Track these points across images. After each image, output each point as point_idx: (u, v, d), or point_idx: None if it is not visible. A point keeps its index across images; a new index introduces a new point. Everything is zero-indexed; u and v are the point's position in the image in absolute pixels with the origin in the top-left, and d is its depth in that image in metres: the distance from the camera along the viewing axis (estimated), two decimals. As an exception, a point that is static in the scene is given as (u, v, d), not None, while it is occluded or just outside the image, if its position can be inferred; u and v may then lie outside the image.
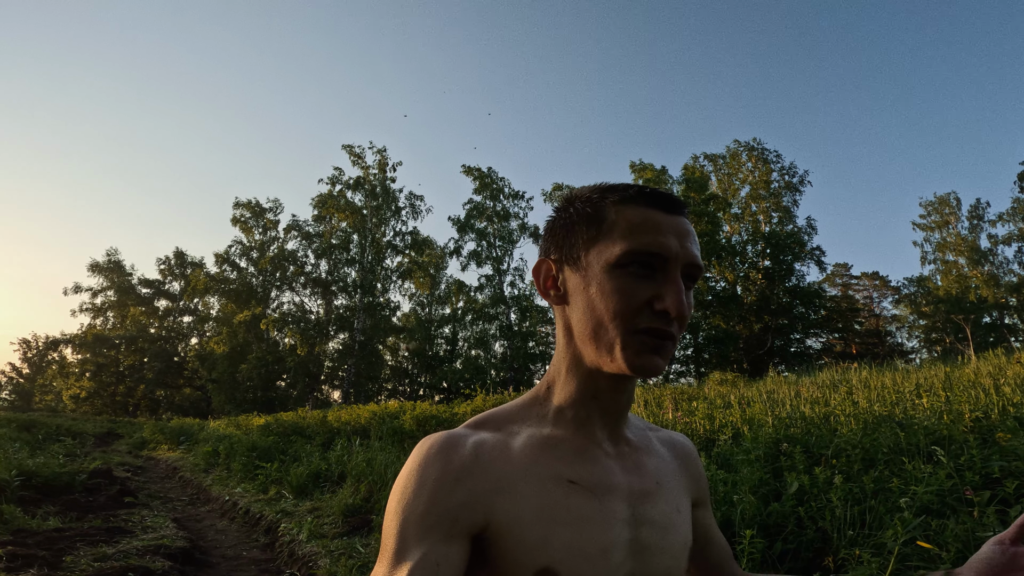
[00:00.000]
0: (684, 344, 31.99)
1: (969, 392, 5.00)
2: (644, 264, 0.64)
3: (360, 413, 12.60)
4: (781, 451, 3.81)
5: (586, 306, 0.67)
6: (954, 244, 35.12)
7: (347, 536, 4.97)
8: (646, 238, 0.64)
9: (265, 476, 7.88)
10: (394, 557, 0.59)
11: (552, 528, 0.62)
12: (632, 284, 0.64)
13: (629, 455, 0.72)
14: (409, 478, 0.63)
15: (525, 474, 0.65)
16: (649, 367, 0.64)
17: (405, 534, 0.59)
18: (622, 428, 0.73)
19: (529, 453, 0.67)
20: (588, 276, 0.67)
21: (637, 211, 0.66)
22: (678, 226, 0.66)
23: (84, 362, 41.46)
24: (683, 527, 0.73)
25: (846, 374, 9.03)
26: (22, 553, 4.05)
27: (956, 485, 2.71)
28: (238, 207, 35.72)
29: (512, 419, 0.71)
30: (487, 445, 0.66)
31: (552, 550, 0.61)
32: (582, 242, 0.68)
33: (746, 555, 2.61)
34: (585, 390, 0.70)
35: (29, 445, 11.73)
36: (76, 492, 7.14)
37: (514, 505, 0.63)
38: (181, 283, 44.34)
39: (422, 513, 0.60)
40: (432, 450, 0.64)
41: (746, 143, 35.48)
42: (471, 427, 0.69)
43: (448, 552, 0.59)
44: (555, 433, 0.69)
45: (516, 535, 0.61)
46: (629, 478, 0.70)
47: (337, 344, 33.92)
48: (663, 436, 0.83)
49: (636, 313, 0.64)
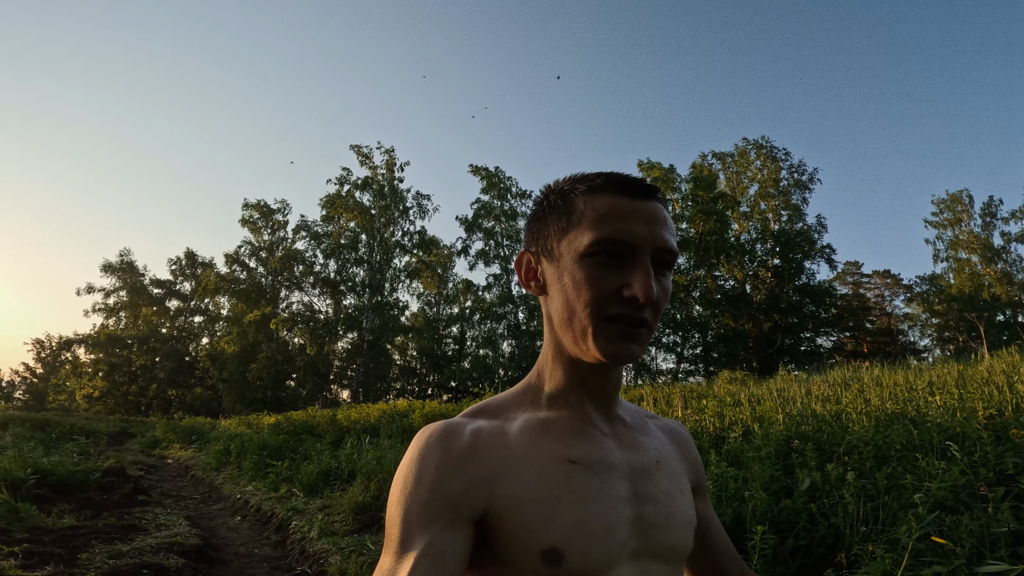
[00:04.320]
0: (693, 343, 31.87)
1: (982, 390, 4.96)
2: (612, 252, 0.64)
3: (369, 412, 12.67)
4: (792, 448, 3.80)
5: (561, 296, 0.68)
6: (967, 242, 34.70)
7: (357, 533, 5.00)
8: (612, 226, 0.64)
9: (276, 474, 7.93)
10: (399, 546, 0.60)
11: (555, 508, 0.63)
12: (601, 272, 0.65)
13: (625, 434, 0.73)
14: (410, 467, 0.64)
15: (524, 457, 0.66)
16: (622, 354, 0.64)
17: (409, 523, 0.60)
18: (614, 409, 0.74)
19: (526, 437, 0.68)
20: (561, 267, 0.68)
21: (604, 199, 0.66)
22: (647, 212, 0.66)
23: (97, 362, 41.86)
24: (686, 505, 0.73)
25: (858, 372, 8.96)
26: (38, 551, 4.11)
27: (970, 481, 2.69)
28: (247, 208, 35.94)
29: (507, 406, 0.72)
30: (485, 431, 0.67)
31: (556, 530, 0.62)
32: (554, 233, 0.69)
33: (757, 551, 2.60)
34: (571, 377, 0.71)
35: (43, 444, 11.86)
36: (90, 490, 7.22)
37: (515, 488, 0.63)
38: (192, 283, 44.69)
39: (425, 501, 0.61)
40: (432, 439, 0.65)
41: (755, 141, 35.25)
42: (468, 416, 0.70)
43: (452, 539, 0.60)
44: (550, 415, 0.70)
45: (519, 517, 0.62)
46: (628, 456, 0.71)
47: (346, 344, 34.07)
48: (660, 423, 0.84)
49: (606, 301, 0.64)
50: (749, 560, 2.63)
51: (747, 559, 2.66)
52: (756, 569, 2.59)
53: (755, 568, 2.59)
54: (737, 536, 2.96)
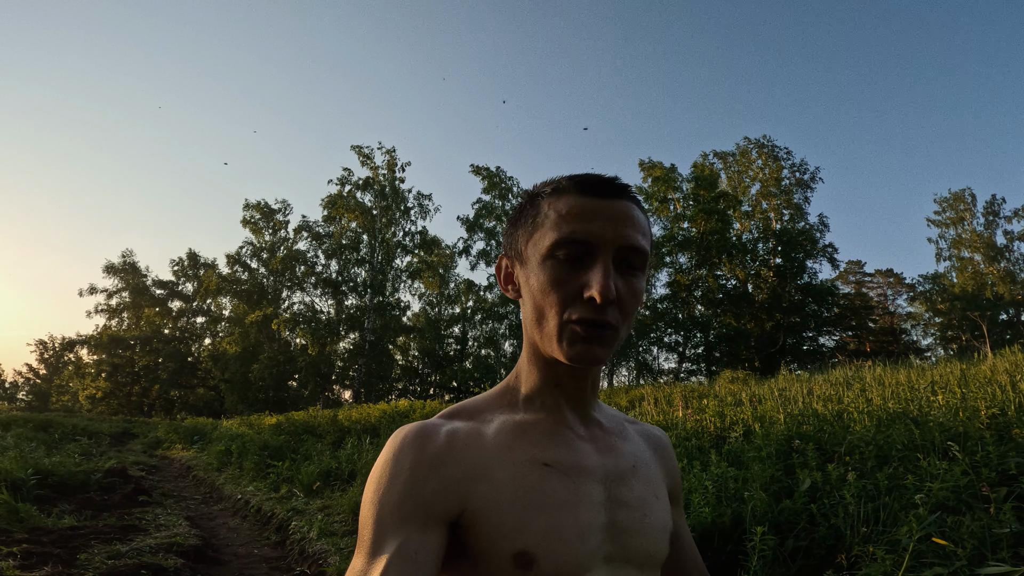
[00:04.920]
0: (695, 342, 31.83)
1: (985, 389, 4.93)
2: (572, 254, 0.64)
3: (370, 412, 12.68)
4: (793, 448, 3.78)
5: (530, 299, 0.68)
6: (969, 241, 34.62)
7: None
8: (571, 226, 0.64)
9: (276, 475, 7.94)
10: (371, 547, 0.59)
11: (528, 512, 0.62)
12: (563, 274, 0.64)
13: (602, 438, 0.72)
14: (384, 468, 0.63)
15: (499, 459, 0.65)
16: (584, 356, 0.63)
17: (382, 524, 0.60)
18: (591, 412, 0.74)
19: (503, 439, 0.67)
20: (528, 269, 0.68)
21: (566, 200, 0.66)
22: (611, 210, 0.65)
23: (100, 363, 41.95)
24: (662, 511, 0.72)
25: (860, 372, 8.93)
26: (37, 551, 4.10)
27: (972, 482, 2.66)
28: (248, 208, 36.00)
29: (484, 408, 0.72)
30: (460, 433, 0.66)
31: (529, 534, 0.61)
32: (523, 237, 0.70)
33: (757, 552, 2.59)
34: (547, 379, 0.71)
35: (45, 444, 11.89)
36: (91, 491, 7.21)
37: (490, 490, 0.63)
38: (194, 284, 44.76)
39: (397, 503, 0.60)
40: (406, 440, 0.64)
41: (756, 140, 35.18)
42: (445, 417, 0.70)
43: (425, 540, 0.59)
44: (527, 418, 0.70)
45: (492, 520, 0.62)
46: (604, 460, 0.70)
47: (348, 344, 34.07)
48: (639, 428, 0.83)
49: (568, 302, 0.64)
50: (749, 561, 2.62)
51: (747, 560, 2.65)
52: (755, 571, 2.57)
53: (754, 570, 2.58)
54: (737, 537, 2.95)
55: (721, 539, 2.98)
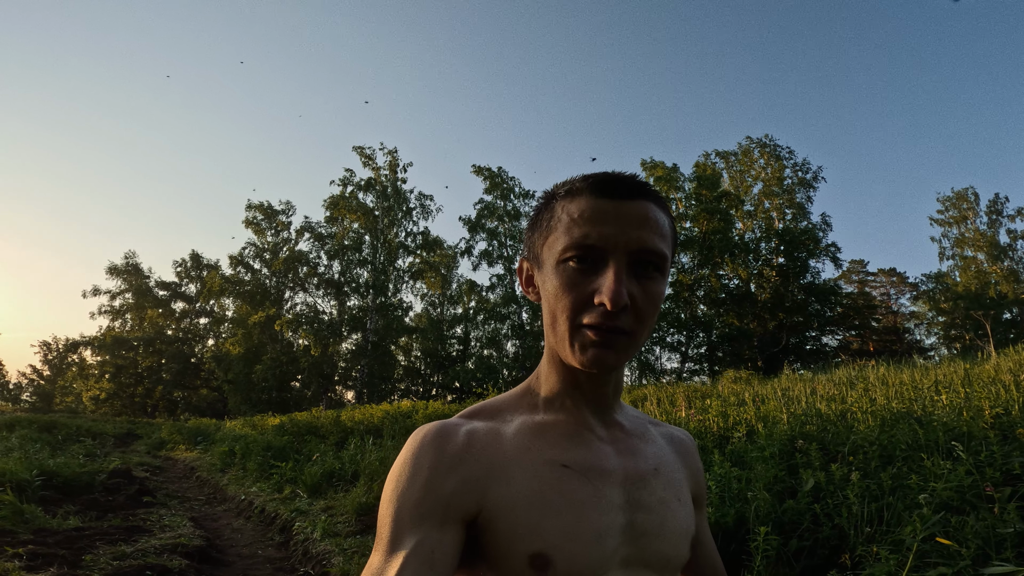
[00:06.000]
0: (698, 342, 31.79)
1: (989, 389, 4.92)
2: (585, 257, 0.63)
3: (373, 413, 12.69)
4: (796, 448, 3.78)
5: (546, 303, 0.67)
6: (972, 240, 34.54)
7: (360, 535, 5.00)
8: (583, 229, 0.63)
9: (280, 475, 7.95)
10: (389, 545, 0.59)
11: (545, 513, 0.62)
12: (576, 278, 0.63)
13: (623, 440, 0.72)
14: (404, 466, 0.63)
15: (518, 460, 0.65)
16: (596, 362, 0.63)
17: (400, 522, 0.60)
18: (613, 414, 0.73)
19: (522, 440, 0.67)
20: (544, 273, 0.68)
21: (579, 202, 0.65)
22: (626, 212, 0.63)
23: (103, 364, 42.05)
24: (684, 515, 0.71)
25: (863, 371, 8.91)
26: (42, 552, 4.12)
27: (976, 481, 2.66)
28: (250, 209, 36.07)
29: (505, 408, 0.72)
30: (480, 433, 0.66)
31: (545, 535, 0.61)
32: (539, 240, 0.69)
33: (761, 552, 2.59)
34: (567, 381, 0.70)
35: (50, 446, 11.92)
36: (96, 492, 7.23)
37: (507, 491, 0.63)
38: (197, 285, 44.85)
39: (416, 501, 0.61)
40: (426, 439, 0.65)
41: (758, 140, 35.14)
42: (465, 417, 0.70)
43: (442, 539, 0.59)
44: (547, 419, 0.69)
45: (509, 521, 0.62)
46: (624, 462, 0.69)
47: (350, 345, 34.10)
48: (663, 430, 0.82)
49: (581, 307, 0.63)
50: (752, 561, 2.62)
51: (750, 560, 2.65)
52: (759, 571, 2.57)
53: (758, 570, 2.57)
54: (740, 537, 2.95)
55: (725, 539, 2.98)
